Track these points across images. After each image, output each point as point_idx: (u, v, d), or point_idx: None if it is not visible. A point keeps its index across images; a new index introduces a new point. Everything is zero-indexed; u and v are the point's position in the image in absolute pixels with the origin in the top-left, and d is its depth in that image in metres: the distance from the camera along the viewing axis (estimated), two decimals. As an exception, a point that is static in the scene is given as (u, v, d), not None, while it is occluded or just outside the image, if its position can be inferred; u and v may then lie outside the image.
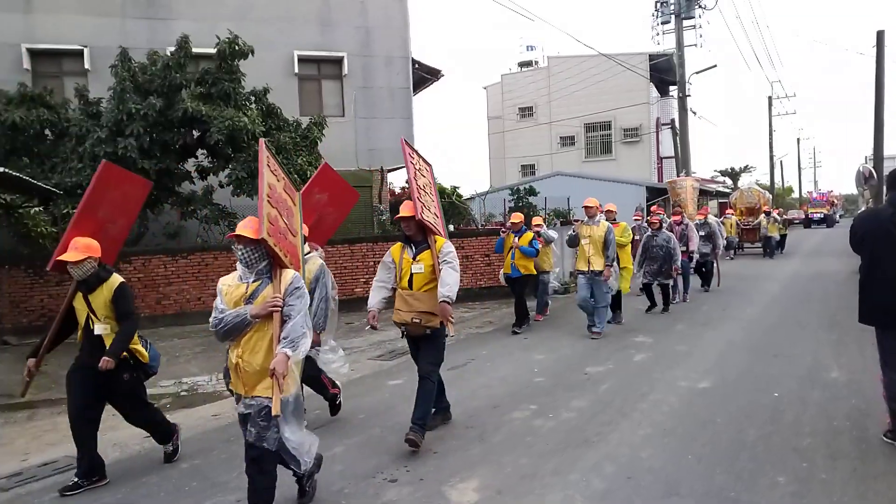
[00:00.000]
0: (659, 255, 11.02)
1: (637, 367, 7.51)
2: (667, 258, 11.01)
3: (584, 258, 9.19)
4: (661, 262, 11.04)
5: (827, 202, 50.51)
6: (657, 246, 11.05)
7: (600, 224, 9.21)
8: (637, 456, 4.74)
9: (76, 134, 11.15)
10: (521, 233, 10.21)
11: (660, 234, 11.16)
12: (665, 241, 11.05)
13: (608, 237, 9.06)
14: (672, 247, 10.97)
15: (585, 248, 9.14)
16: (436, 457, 4.88)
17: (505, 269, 10.44)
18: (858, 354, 7.64)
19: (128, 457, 5.29)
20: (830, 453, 4.69)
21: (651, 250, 11.14)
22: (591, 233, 9.15)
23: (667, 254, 10.99)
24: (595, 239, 9.10)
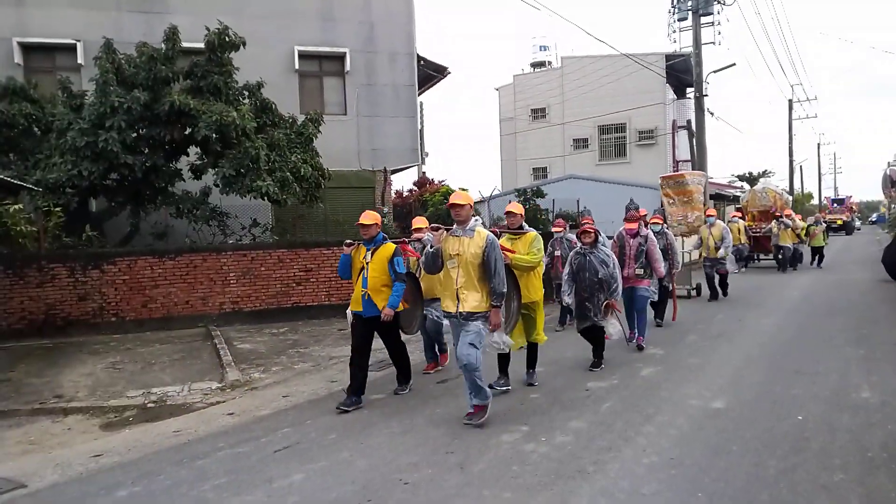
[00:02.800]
0: (592, 281, 7.40)
1: (644, 383, 6.83)
2: (600, 287, 7.36)
3: (451, 290, 5.57)
4: (592, 293, 7.41)
5: (846, 208, 49.26)
6: (588, 269, 7.43)
7: (475, 235, 5.52)
8: (638, 492, 4.09)
9: (59, 128, 10.68)
10: None
11: (593, 253, 7.46)
12: (600, 263, 7.37)
13: (489, 255, 5.41)
14: (610, 271, 7.33)
15: (452, 273, 5.53)
16: (405, 488, 4.24)
17: None
18: (892, 373, 6.92)
19: (66, 480, 4.71)
20: (866, 492, 4.02)
21: (580, 275, 7.53)
22: (460, 248, 5.48)
23: (602, 281, 7.33)
24: (467, 259, 5.44)
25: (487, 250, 5.41)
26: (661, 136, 35.82)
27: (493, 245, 5.43)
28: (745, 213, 22.19)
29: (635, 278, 8.69)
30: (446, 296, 5.62)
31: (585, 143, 38.85)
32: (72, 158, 10.32)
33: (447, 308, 5.61)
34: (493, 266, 5.39)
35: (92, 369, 8.37)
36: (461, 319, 5.50)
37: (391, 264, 6.25)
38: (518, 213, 6.73)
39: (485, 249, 5.42)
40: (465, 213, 5.54)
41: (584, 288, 7.44)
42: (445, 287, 5.65)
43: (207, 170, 12.01)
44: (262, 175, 11.01)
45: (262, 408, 6.47)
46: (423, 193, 20.87)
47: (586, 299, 7.43)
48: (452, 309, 5.55)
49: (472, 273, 5.46)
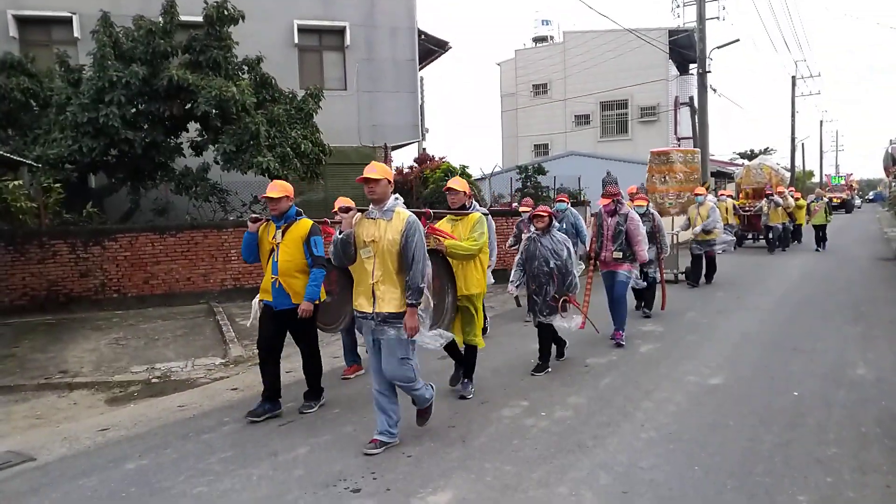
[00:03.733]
0: (541, 271, 6.42)
1: (642, 360, 6.91)
2: (550, 279, 6.38)
3: (365, 285, 4.51)
4: (541, 285, 6.46)
5: (846, 186, 49.07)
6: (541, 257, 6.43)
7: (394, 217, 4.44)
8: (637, 465, 4.17)
9: (58, 103, 10.63)
10: None
11: (546, 237, 6.46)
12: (552, 252, 6.37)
13: (408, 241, 4.39)
14: (564, 260, 6.35)
15: (367, 265, 4.46)
16: (409, 461, 4.33)
17: None
18: (888, 350, 7.00)
19: (74, 453, 4.79)
20: (859, 465, 4.10)
21: (532, 263, 6.54)
22: (376, 234, 4.43)
23: (552, 272, 6.37)
24: (384, 247, 4.40)
25: (406, 236, 4.36)
26: (664, 112, 35.65)
27: (413, 229, 4.37)
28: (740, 191, 21.40)
29: (613, 262, 7.65)
30: (360, 292, 4.54)
31: (587, 119, 38.67)
32: (72, 134, 10.28)
33: (361, 307, 4.52)
34: (411, 254, 4.36)
35: (95, 345, 8.44)
36: (378, 323, 4.45)
37: (307, 245, 5.27)
38: (460, 189, 5.74)
39: (403, 234, 4.36)
40: (380, 190, 4.44)
41: (532, 278, 6.47)
42: (359, 282, 4.56)
43: (207, 146, 11.98)
44: (262, 151, 10.98)
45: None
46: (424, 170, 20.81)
47: (535, 292, 6.47)
48: (367, 308, 4.48)
49: (391, 264, 4.41)
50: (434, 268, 4.77)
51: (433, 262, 4.75)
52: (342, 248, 4.48)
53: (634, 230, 7.60)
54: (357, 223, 4.54)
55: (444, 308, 5.25)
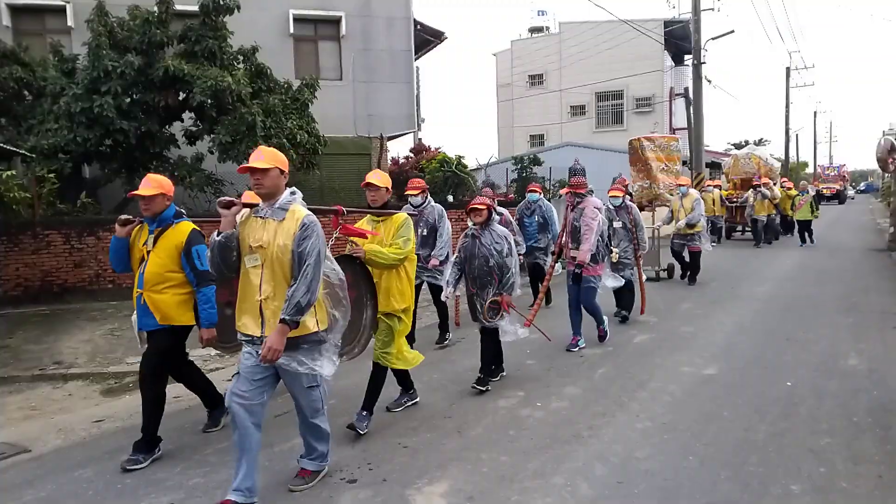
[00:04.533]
0: (482, 270, 5.68)
1: (637, 350, 6.94)
2: (491, 279, 5.66)
3: (251, 302, 3.61)
4: (483, 286, 5.70)
5: (839, 177, 49.01)
6: (480, 255, 5.67)
7: (287, 217, 3.57)
8: (632, 455, 4.20)
9: (52, 93, 10.56)
10: None
11: (485, 233, 5.69)
12: (492, 248, 5.61)
13: (301, 247, 3.51)
14: (503, 258, 5.62)
15: (253, 276, 3.59)
16: (405, 452, 4.35)
17: None
18: (879, 340, 7.04)
19: (70, 444, 4.79)
20: (851, 456, 4.14)
21: (471, 262, 5.76)
22: (264, 237, 3.56)
23: (494, 269, 5.64)
24: (274, 254, 3.54)
25: (300, 240, 3.47)
26: (659, 103, 35.63)
27: (309, 232, 3.48)
28: (728, 181, 20.79)
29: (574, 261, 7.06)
30: (244, 310, 3.60)
31: (583, 110, 38.62)
32: (66, 124, 10.22)
33: (245, 329, 3.59)
34: (302, 260, 3.45)
35: (90, 336, 8.43)
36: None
37: (186, 257, 4.30)
38: (381, 185, 4.78)
39: (296, 239, 3.48)
40: (269, 182, 3.52)
41: (473, 279, 5.74)
42: (243, 297, 3.62)
43: (202, 136, 11.93)
44: (257, 141, 10.94)
45: (261, 374, 6.55)
46: (420, 160, 20.78)
47: (475, 294, 5.73)
48: (254, 331, 3.56)
49: (283, 276, 3.51)
50: (349, 276, 3.96)
51: (347, 271, 3.95)
52: (220, 254, 3.56)
53: (584, 227, 6.87)
54: (242, 223, 3.62)
55: (362, 325, 4.44)
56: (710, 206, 16.94)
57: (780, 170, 22.50)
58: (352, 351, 4.36)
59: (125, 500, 3.81)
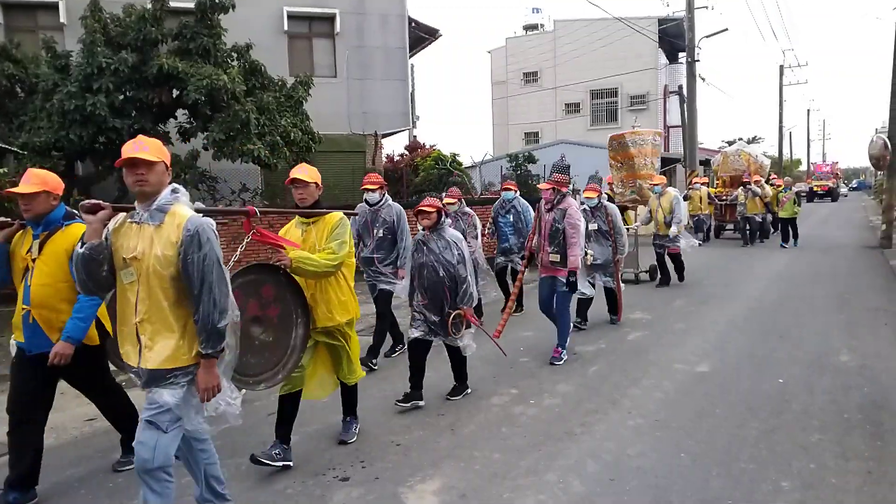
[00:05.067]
0: (432, 280, 5.14)
1: (631, 348, 6.96)
2: (443, 290, 5.16)
3: (129, 325, 2.97)
4: (435, 298, 5.19)
5: (832, 174, 49.06)
6: (429, 264, 5.15)
7: (167, 220, 2.90)
8: (624, 453, 4.22)
9: (44, 89, 10.51)
10: None
11: (434, 238, 5.17)
12: (441, 255, 5.10)
13: (188, 258, 2.86)
14: (455, 268, 5.10)
15: (129, 294, 2.93)
16: (398, 450, 4.36)
17: None
18: (870, 337, 7.08)
19: (61, 443, 4.79)
20: (842, 452, 4.16)
21: (421, 271, 5.22)
22: (139, 247, 2.88)
23: (445, 280, 5.13)
24: (150, 267, 2.88)
25: (186, 249, 2.85)
26: (653, 101, 35.72)
27: (197, 239, 2.86)
28: (717, 178, 20.35)
29: (552, 266, 6.44)
30: (125, 335, 3.00)
31: (577, 107, 38.68)
32: (59, 121, 10.17)
33: (128, 359, 3.00)
34: (196, 278, 2.86)
35: (84, 333, 8.40)
36: (146, 383, 2.95)
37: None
38: (310, 180, 4.08)
39: (181, 247, 2.85)
40: (154, 179, 2.91)
41: (424, 290, 5.18)
42: (122, 319, 3.02)
43: (196, 133, 11.90)
44: (252, 139, 10.93)
45: (254, 372, 6.55)
46: (415, 158, 20.78)
47: (426, 306, 5.17)
48: (134, 360, 2.95)
49: (162, 293, 2.89)
50: (270, 290, 3.60)
51: (268, 283, 3.59)
52: (84, 269, 2.91)
53: (570, 229, 6.22)
54: (115, 230, 2.96)
55: (290, 347, 3.76)
56: (697, 205, 16.86)
57: (769, 167, 22.14)
58: (274, 377, 3.70)
59: (117, 498, 3.81)
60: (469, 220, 7.98)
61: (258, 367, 3.63)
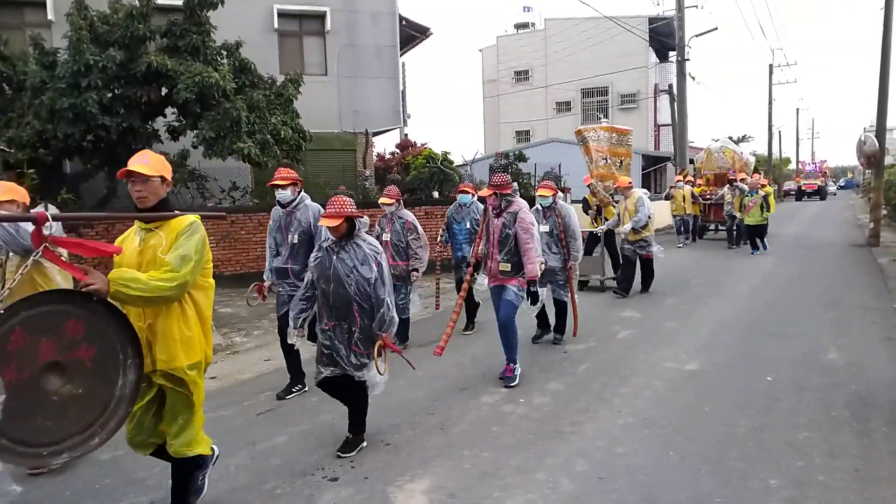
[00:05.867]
0: (339, 299, 4.18)
1: (621, 346, 6.97)
2: (349, 311, 4.19)
3: None
4: (346, 320, 4.21)
5: (820, 173, 49.25)
6: (336, 279, 4.17)
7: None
8: (613, 451, 4.22)
9: (32, 87, 10.41)
10: None
11: (346, 248, 4.20)
12: (354, 270, 4.14)
13: None
14: (371, 286, 4.14)
15: None
16: (387, 449, 4.34)
17: None
18: (859, 335, 7.13)
19: (49, 443, 4.73)
20: (829, 450, 4.18)
21: (325, 287, 4.25)
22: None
23: (355, 300, 4.16)
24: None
25: None
26: (644, 99, 35.82)
27: None
28: (700, 176, 19.71)
29: (501, 275, 5.77)
30: None
31: (568, 106, 38.75)
32: (47, 116, 10.09)
33: None
34: None
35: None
36: None
37: None
38: (152, 173, 3.09)
39: None
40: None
41: (326, 309, 4.21)
42: None
43: (186, 131, 11.82)
44: (242, 137, 10.87)
45: (243, 371, 6.52)
46: (406, 156, 20.74)
47: (330, 329, 4.20)
48: None
49: None
50: (80, 326, 2.66)
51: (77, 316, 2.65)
52: None
53: (524, 234, 5.63)
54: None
55: (113, 399, 2.79)
56: (681, 204, 16.58)
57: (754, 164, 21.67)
58: (85, 444, 2.70)
59: (104, 499, 3.78)
60: (408, 225, 6.95)
61: (57, 431, 2.61)
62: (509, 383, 5.65)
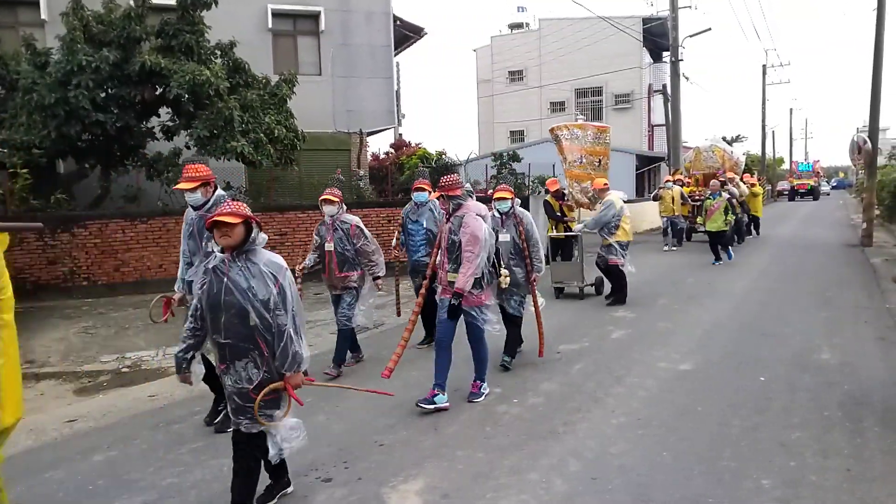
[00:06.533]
0: (231, 329, 3.32)
1: (614, 346, 6.98)
2: (245, 347, 3.34)
3: None
4: (235, 358, 3.37)
5: (813, 173, 49.37)
6: (225, 306, 3.32)
7: None
8: (606, 451, 4.23)
9: (24, 87, 10.37)
10: None
11: (237, 265, 3.32)
12: (249, 293, 3.28)
13: None
14: (271, 311, 3.28)
15: None
16: (381, 450, 4.34)
17: None
18: (851, 335, 7.16)
19: (41, 445, 4.72)
20: (822, 449, 4.19)
21: (215, 314, 3.38)
22: None
23: (257, 331, 3.31)
24: None
25: None
26: (638, 100, 35.90)
27: None
28: (688, 176, 18.85)
29: (451, 287, 5.15)
30: None
31: (562, 106, 38.78)
32: (40, 117, 10.05)
33: None
34: None
35: (64, 334, 8.31)
36: None
37: None
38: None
39: None
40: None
41: (220, 347, 3.40)
42: None
43: (179, 130, 11.81)
44: (235, 136, 10.86)
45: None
46: (400, 156, 20.73)
47: (225, 372, 3.41)
48: None
49: None
50: None
51: None
52: None
53: (467, 242, 5.05)
54: None
55: None
56: (670, 205, 15.87)
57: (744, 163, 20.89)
58: None
59: (97, 501, 3.77)
60: (352, 230, 6.20)
61: None
62: (474, 399, 5.30)
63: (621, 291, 9.35)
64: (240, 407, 3.36)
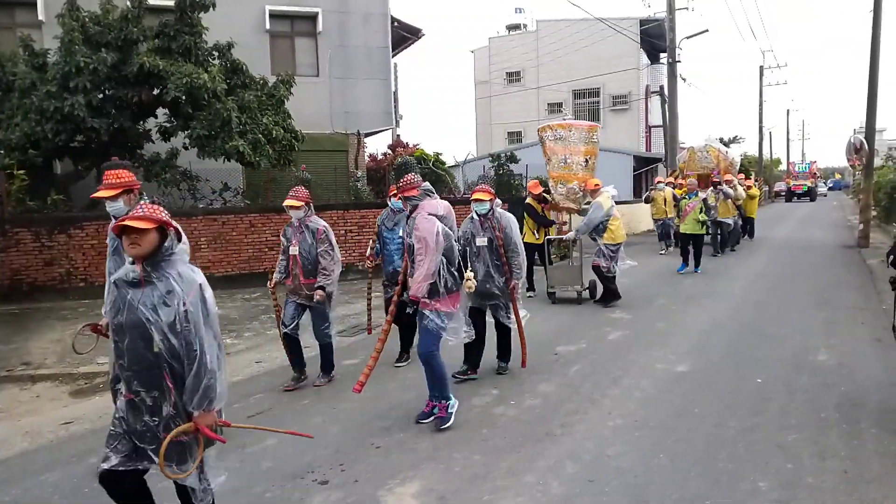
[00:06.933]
0: (139, 355, 2.79)
1: (612, 347, 6.98)
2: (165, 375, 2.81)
3: None
4: (144, 387, 2.81)
5: (810, 174, 49.40)
6: (132, 328, 2.78)
7: None
8: (603, 453, 4.22)
9: (21, 88, 10.35)
10: None
11: (149, 286, 2.78)
12: (155, 313, 2.75)
13: None
14: (181, 336, 2.77)
15: None
16: (377, 452, 4.33)
17: None
18: (849, 336, 7.17)
19: (36, 447, 4.71)
20: (819, 451, 4.20)
21: (122, 336, 2.83)
22: None
23: (164, 359, 2.78)
24: None
25: None
26: (635, 101, 35.93)
27: None
28: (682, 177, 17.64)
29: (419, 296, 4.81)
30: None
31: (560, 107, 38.70)
32: (36, 118, 10.03)
33: None
34: None
35: (60, 335, 8.28)
36: None
37: None
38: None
39: None
40: None
41: (128, 377, 2.86)
42: None
43: (177, 132, 11.79)
44: (233, 137, 10.86)
45: (234, 374, 6.49)
46: (397, 157, 20.72)
47: (133, 408, 2.87)
48: None
49: None
50: None
51: None
52: None
53: (417, 244, 4.76)
54: None
55: None
56: (662, 207, 15.40)
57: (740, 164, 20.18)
58: None
59: (93, 503, 3.75)
60: (319, 234, 5.78)
61: None
62: (441, 425, 4.71)
63: (608, 292, 9.26)
64: (161, 458, 2.76)
